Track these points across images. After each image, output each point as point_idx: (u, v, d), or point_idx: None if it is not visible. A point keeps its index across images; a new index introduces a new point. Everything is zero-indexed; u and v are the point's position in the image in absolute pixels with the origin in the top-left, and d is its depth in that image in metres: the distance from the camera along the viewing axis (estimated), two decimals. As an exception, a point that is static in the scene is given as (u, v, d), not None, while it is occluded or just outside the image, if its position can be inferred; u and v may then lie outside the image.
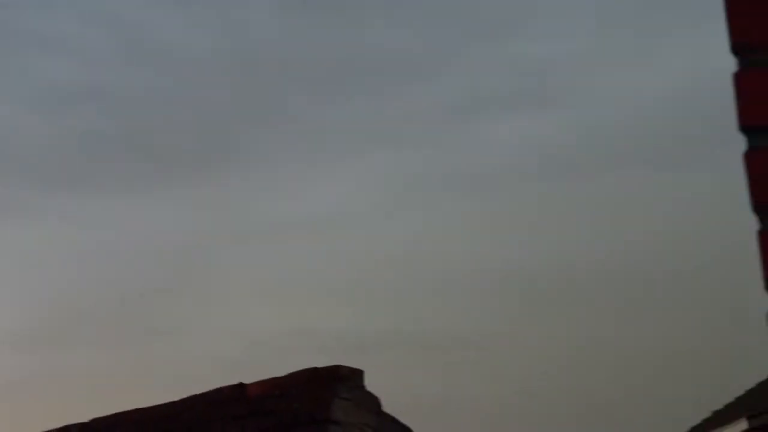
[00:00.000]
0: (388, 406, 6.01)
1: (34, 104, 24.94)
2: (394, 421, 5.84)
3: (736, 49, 0.79)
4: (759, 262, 0.78)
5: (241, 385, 6.15)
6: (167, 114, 24.36)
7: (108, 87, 24.50)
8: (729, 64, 0.78)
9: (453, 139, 24.98)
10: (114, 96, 24.51)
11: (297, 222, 24.71)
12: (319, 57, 24.41)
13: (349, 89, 25.02)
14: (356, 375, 5.78)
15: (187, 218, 24.78)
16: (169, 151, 24.55)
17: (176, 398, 6.43)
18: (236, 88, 24.76)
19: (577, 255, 24.88)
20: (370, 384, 5.95)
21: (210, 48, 24.21)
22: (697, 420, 14.46)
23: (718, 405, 14.16)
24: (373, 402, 5.77)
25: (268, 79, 24.32)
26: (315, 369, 5.78)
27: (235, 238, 24.78)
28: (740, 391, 12.81)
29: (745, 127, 0.80)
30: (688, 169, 21.27)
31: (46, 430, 6.87)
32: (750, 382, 12.53)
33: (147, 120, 24.36)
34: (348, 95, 25.21)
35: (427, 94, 25.10)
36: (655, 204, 24.20)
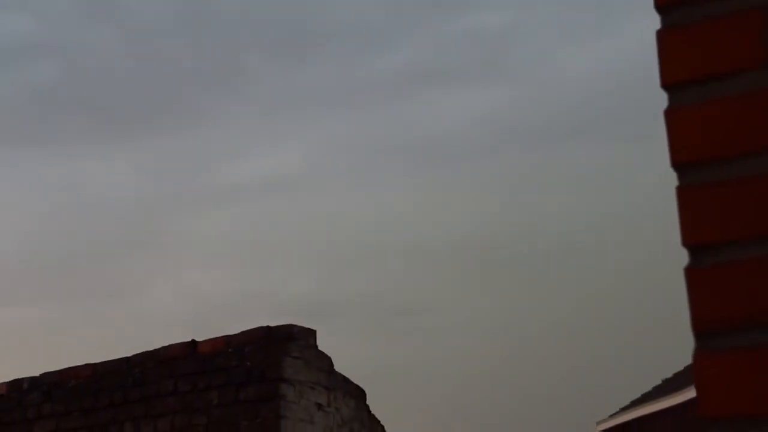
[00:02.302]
0: (341, 368, 6.05)
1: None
2: (345, 380, 5.88)
3: (658, 6, 0.81)
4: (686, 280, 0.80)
5: (192, 342, 6.14)
6: (123, 72, 23.95)
7: (63, 43, 24.01)
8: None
9: (409, 108, 24.93)
10: (69, 52, 24.03)
11: (252, 185, 24.55)
12: (279, 20, 24.12)
13: (307, 54, 24.79)
14: (309, 334, 5.79)
15: (143, 177, 24.50)
16: (125, 110, 24.18)
17: (128, 354, 6.42)
18: (194, 47, 24.39)
19: (528, 225, 25.09)
20: (323, 346, 5.98)
21: (168, 6, 23.80)
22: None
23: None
24: (324, 361, 5.80)
25: (226, 40, 23.99)
26: (268, 327, 5.78)
27: (192, 199, 24.57)
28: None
29: (666, 85, 0.82)
30: (646, 142, 21.48)
31: (-4, 383, 6.82)
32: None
33: (103, 77, 23.93)
34: (306, 60, 24.99)
35: (383, 63, 24.97)
36: (611, 176, 24.45)
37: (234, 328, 6.02)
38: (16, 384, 6.67)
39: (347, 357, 6.04)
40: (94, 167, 24.14)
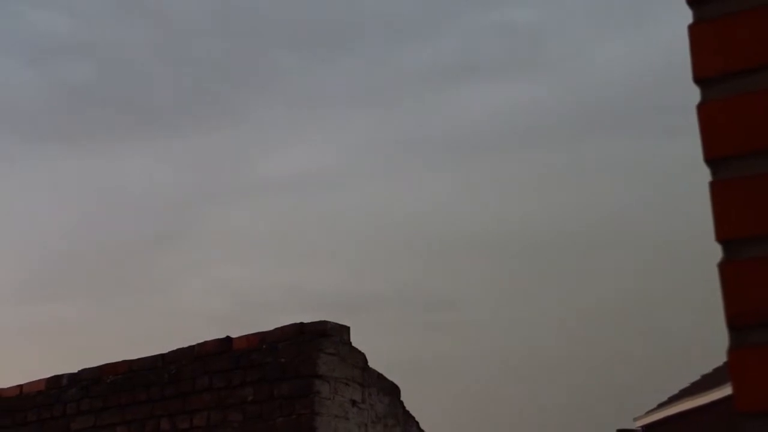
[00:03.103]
0: (374, 364, 6.06)
1: (26, 58, 24.66)
2: (379, 376, 5.89)
3: (690, 0, 0.81)
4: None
5: (227, 339, 6.18)
6: (158, 70, 24.18)
7: (99, 42, 24.28)
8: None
9: (439, 102, 24.88)
10: (105, 51, 24.29)
11: (285, 180, 24.63)
12: (309, 17, 24.17)
13: (339, 51, 24.82)
14: (342, 331, 5.81)
15: (177, 174, 24.69)
16: (159, 107, 24.40)
17: (163, 351, 6.48)
18: (227, 45, 24.53)
19: (558, 218, 24.92)
20: (356, 341, 5.99)
21: (202, 6, 23.96)
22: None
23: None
24: (358, 357, 5.81)
25: (258, 37, 24.10)
26: (301, 324, 5.81)
27: (225, 195, 24.72)
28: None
29: (699, 79, 0.81)
30: (674, 137, 21.25)
31: (37, 379, 6.92)
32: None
33: (138, 76, 24.17)
34: (337, 56, 25.02)
35: (414, 58, 24.94)
36: (642, 169, 24.23)
37: (267, 324, 6.06)
38: (55, 380, 6.77)
39: (378, 352, 6.05)
40: (129, 164, 24.39)
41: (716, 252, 0.80)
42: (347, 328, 5.89)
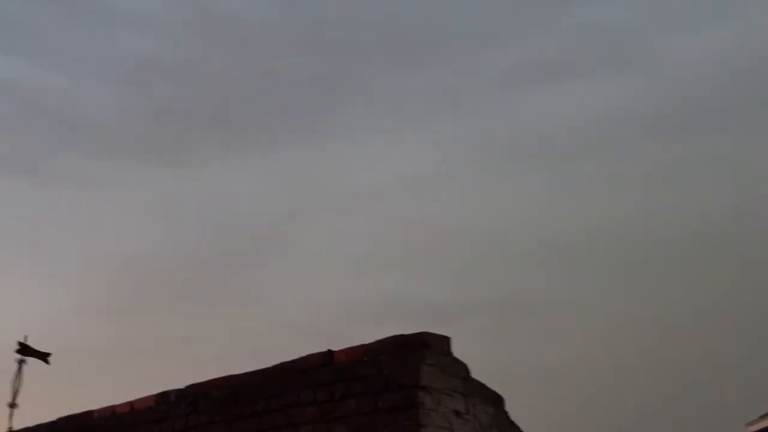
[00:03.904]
0: (476, 373, 6.02)
1: (115, 78, 25.43)
2: (482, 386, 5.86)
3: None
4: None
5: (329, 352, 6.23)
6: (245, 86, 24.61)
7: (186, 61, 24.88)
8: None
9: (529, 105, 24.61)
10: (192, 70, 24.87)
11: (375, 190, 24.74)
12: (394, 24, 24.24)
13: (425, 56, 24.81)
14: (443, 341, 5.80)
15: (266, 188, 25.07)
16: (247, 123, 24.82)
17: (262, 365, 6.57)
18: (313, 58, 24.81)
19: (656, 220, 24.31)
20: (457, 351, 5.96)
21: (286, 22, 24.31)
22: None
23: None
24: (460, 368, 5.79)
25: (343, 47, 24.29)
26: (402, 336, 5.82)
27: (315, 207, 24.97)
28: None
29: None
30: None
31: (143, 396, 7.11)
32: None
33: (224, 93, 24.65)
34: (425, 61, 25.01)
35: (501, 60, 24.74)
36: (741, 168, 23.49)
37: (361, 336, 6.08)
38: (163, 396, 6.94)
39: (475, 360, 6.02)
40: (218, 180, 24.88)
41: None
42: (448, 339, 5.87)
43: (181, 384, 7.02)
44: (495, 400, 5.96)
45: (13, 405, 9.07)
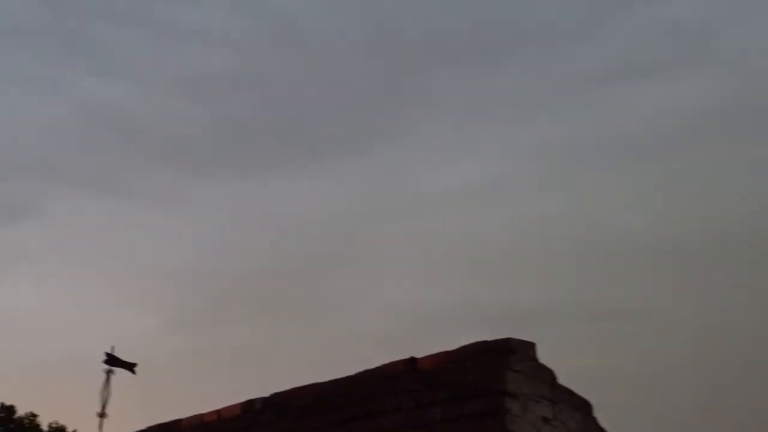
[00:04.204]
0: (562, 379, 5.92)
1: (189, 94, 25.92)
2: (570, 393, 5.77)
3: None
4: None
5: (412, 359, 6.21)
6: (317, 96, 24.81)
7: (256, 73, 25.22)
8: None
9: (607, 104, 24.22)
10: (262, 82, 25.19)
11: (448, 194, 24.63)
12: (465, 29, 24.14)
13: (499, 59, 24.63)
14: (528, 347, 5.73)
15: (340, 196, 25.20)
16: (318, 132, 25.00)
17: (343, 373, 6.58)
18: (383, 65, 24.88)
19: (738, 221, 23.60)
20: (542, 357, 5.88)
21: (352, 31, 24.45)
22: None
23: None
24: (547, 374, 5.71)
25: (414, 54, 24.29)
26: (486, 342, 5.76)
27: (389, 213, 24.99)
28: None
29: None
30: None
31: (230, 405, 7.20)
32: None
33: (294, 104, 24.89)
34: (497, 65, 24.84)
35: (579, 61, 24.42)
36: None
37: (441, 342, 6.04)
38: (249, 404, 7.02)
39: (563, 366, 5.92)
40: (291, 189, 25.12)
41: None
42: (533, 344, 5.80)
43: (265, 392, 7.09)
44: (583, 407, 5.86)
45: (102, 414, 9.28)
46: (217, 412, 7.27)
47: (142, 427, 8.10)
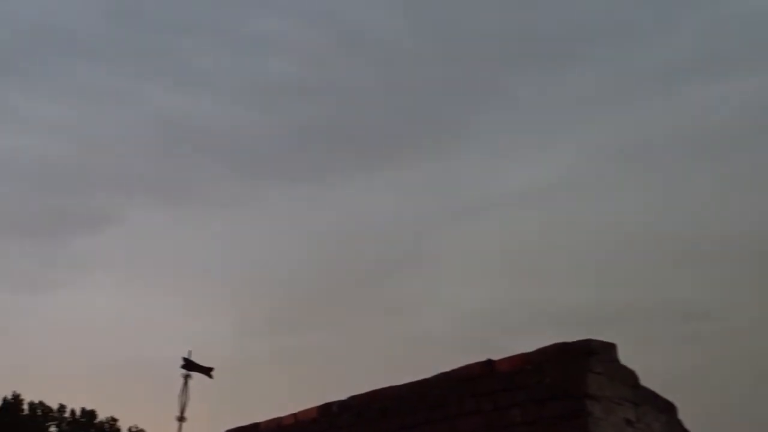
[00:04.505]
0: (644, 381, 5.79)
1: (255, 101, 26.27)
2: (653, 394, 5.64)
3: None
4: None
5: (489, 361, 6.15)
6: (383, 101, 24.89)
7: (325, 81, 25.42)
8: None
9: (677, 102, 23.74)
10: (330, 89, 25.39)
11: (516, 196, 24.41)
12: (532, 29, 23.93)
13: (566, 59, 24.35)
14: (609, 348, 5.62)
15: (408, 199, 25.21)
16: (385, 136, 25.09)
17: (419, 376, 6.55)
18: (450, 68, 24.84)
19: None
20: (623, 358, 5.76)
21: (421, 36, 24.44)
22: None
23: None
24: (629, 376, 5.59)
25: (481, 55, 24.18)
26: (565, 343, 5.67)
27: (458, 215, 24.91)
28: None
29: None
30: None
31: (306, 408, 7.23)
32: None
33: (362, 110, 25.01)
34: (565, 65, 24.57)
35: (647, 58, 23.99)
36: None
37: (515, 344, 5.96)
38: (326, 408, 7.03)
39: (642, 367, 5.79)
40: (360, 194, 25.26)
41: None
42: (614, 345, 5.69)
43: (341, 395, 7.10)
44: (668, 409, 5.72)
45: (181, 418, 9.42)
46: (294, 415, 7.30)
47: (221, 431, 8.19)
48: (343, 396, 7.08)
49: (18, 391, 39.20)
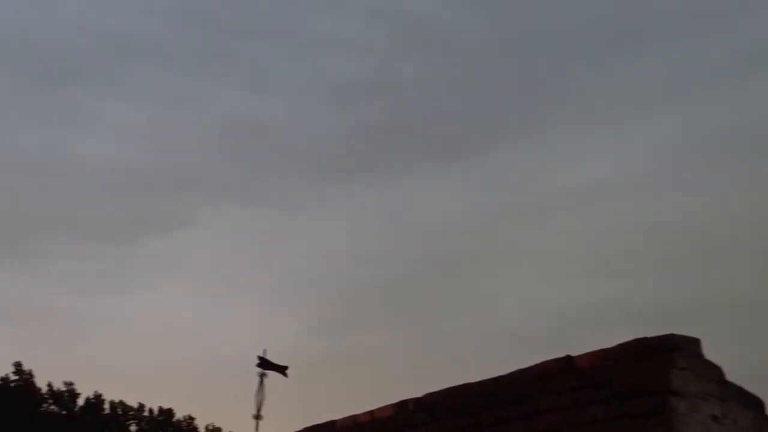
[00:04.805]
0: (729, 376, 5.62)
1: (322, 101, 26.40)
2: (741, 390, 5.45)
3: None
4: None
5: (567, 358, 6.04)
6: (447, 98, 24.77)
7: (391, 78, 25.41)
8: None
9: (728, 99, 23.07)
10: (397, 86, 25.37)
11: (589, 190, 24.06)
12: (599, 22, 23.55)
13: (633, 51, 23.91)
14: (693, 343, 5.46)
15: (479, 196, 25.05)
16: (452, 132, 24.95)
17: (495, 373, 6.45)
18: (514, 64, 24.59)
19: None
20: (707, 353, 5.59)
21: (487, 31, 24.25)
22: None
23: None
24: (714, 371, 5.42)
25: (549, 49, 23.89)
26: (647, 338, 5.53)
27: (532, 212, 24.65)
28: None
29: None
30: None
31: (382, 406, 7.20)
32: None
33: (428, 104, 24.91)
34: (632, 57, 24.12)
35: (700, 54, 23.39)
36: None
37: (593, 340, 5.84)
38: (402, 405, 7.00)
39: (727, 363, 5.61)
40: (429, 191, 25.18)
41: None
42: (698, 340, 5.53)
43: (417, 393, 7.06)
44: (755, 404, 5.54)
45: (258, 417, 9.51)
46: (371, 413, 7.29)
47: (298, 429, 8.22)
48: (418, 393, 7.04)
49: (99, 391, 40.26)
